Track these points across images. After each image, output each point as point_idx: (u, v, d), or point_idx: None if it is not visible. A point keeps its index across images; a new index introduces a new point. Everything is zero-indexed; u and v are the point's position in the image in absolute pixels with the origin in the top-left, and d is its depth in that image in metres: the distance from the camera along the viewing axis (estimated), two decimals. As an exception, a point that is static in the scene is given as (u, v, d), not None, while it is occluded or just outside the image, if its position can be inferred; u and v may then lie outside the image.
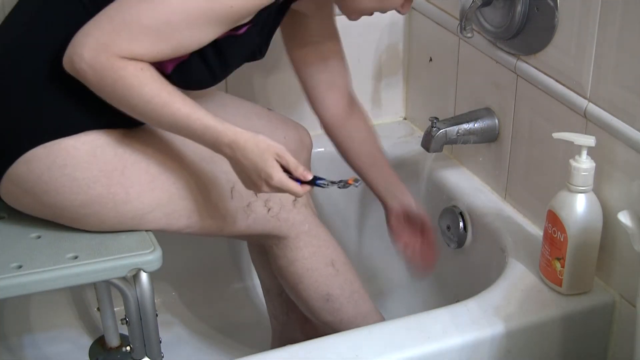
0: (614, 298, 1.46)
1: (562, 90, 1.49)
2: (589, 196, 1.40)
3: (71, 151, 1.32)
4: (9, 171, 1.33)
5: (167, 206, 1.39)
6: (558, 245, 1.43)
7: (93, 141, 1.34)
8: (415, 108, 2.03)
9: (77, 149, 1.33)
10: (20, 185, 1.34)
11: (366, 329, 1.42)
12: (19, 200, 1.38)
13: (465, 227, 1.75)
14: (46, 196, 1.34)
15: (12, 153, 1.33)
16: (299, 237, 1.52)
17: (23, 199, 1.37)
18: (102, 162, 1.34)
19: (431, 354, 1.36)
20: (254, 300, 1.98)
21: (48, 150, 1.32)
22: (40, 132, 1.32)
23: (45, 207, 1.36)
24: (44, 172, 1.32)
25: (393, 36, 1.97)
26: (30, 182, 1.33)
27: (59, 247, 1.36)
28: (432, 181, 1.84)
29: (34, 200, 1.36)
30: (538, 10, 1.52)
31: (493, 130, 1.70)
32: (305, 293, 1.55)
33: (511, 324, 1.40)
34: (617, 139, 1.39)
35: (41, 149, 1.32)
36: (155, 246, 1.37)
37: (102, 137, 1.34)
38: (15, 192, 1.36)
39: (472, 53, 1.73)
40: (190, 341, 1.90)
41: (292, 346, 1.37)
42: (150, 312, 1.38)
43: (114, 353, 1.74)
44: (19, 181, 1.34)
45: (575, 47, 1.45)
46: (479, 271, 1.71)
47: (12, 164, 1.33)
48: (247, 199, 1.46)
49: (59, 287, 1.37)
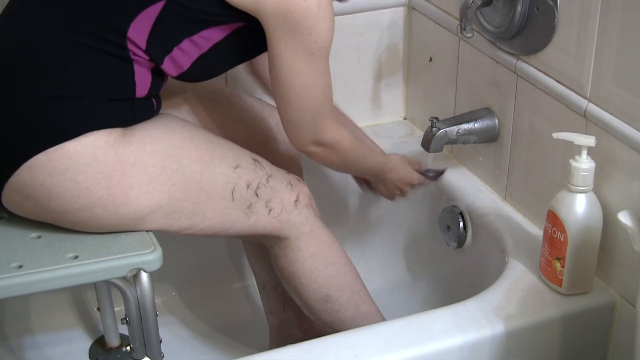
0: (614, 298, 1.46)
1: (562, 90, 1.49)
2: (589, 196, 1.40)
3: (73, 155, 1.32)
4: (12, 179, 1.33)
5: (166, 207, 1.39)
6: (558, 245, 1.43)
7: (94, 142, 1.33)
8: (415, 108, 2.03)
9: (78, 152, 1.32)
10: (21, 191, 1.34)
11: (366, 329, 1.42)
12: (20, 206, 1.37)
13: (465, 227, 1.75)
14: (47, 201, 1.34)
15: (14, 161, 1.32)
16: (300, 238, 1.52)
17: (24, 204, 1.36)
18: (102, 163, 1.33)
19: (431, 354, 1.36)
20: (253, 300, 1.98)
21: (50, 156, 1.31)
22: (42, 138, 1.31)
23: (47, 211, 1.36)
24: (46, 177, 1.32)
25: (393, 36, 1.97)
26: (32, 188, 1.33)
27: (59, 247, 1.36)
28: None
29: (35, 206, 1.35)
30: (538, 10, 1.52)
31: (493, 130, 1.70)
32: (305, 294, 1.55)
33: (511, 324, 1.40)
34: (617, 139, 1.39)
35: (43, 156, 1.31)
36: (156, 246, 1.37)
37: (102, 137, 1.34)
38: (16, 198, 1.36)
39: (472, 53, 1.74)
40: (190, 341, 1.90)
41: (291, 346, 1.37)
42: (151, 312, 1.38)
43: (114, 353, 1.74)
44: (21, 188, 1.33)
45: (575, 47, 1.45)
46: (479, 271, 1.71)
47: (15, 172, 1.32)
48: (248, 201, 1.45)
49: (59, 287, 1.37)
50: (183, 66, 1.38)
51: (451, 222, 1.77)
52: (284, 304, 1.74)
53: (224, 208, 1.44)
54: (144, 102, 1.39)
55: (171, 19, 1.33)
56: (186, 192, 1.40)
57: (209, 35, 1.36)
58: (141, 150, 1.37)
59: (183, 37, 1.35)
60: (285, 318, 1.76)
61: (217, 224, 1.45)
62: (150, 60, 1.35)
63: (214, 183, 1.42)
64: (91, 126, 1.33)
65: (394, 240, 1.99)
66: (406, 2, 1.94)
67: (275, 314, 1.77)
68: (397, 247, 1.99)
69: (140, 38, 1.32)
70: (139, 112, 1.39)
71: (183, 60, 1.37)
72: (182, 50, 1.36)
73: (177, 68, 1.38)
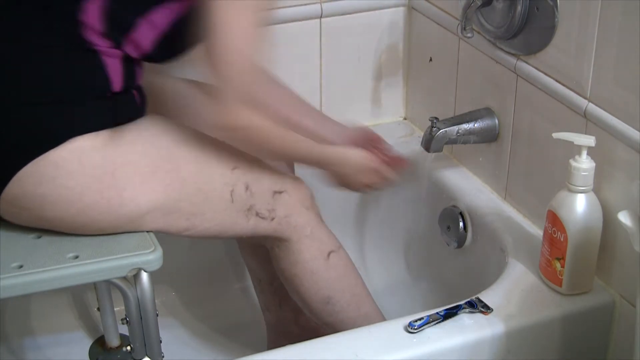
0: (614, 298, 1.46)
1: (562, 90, 1.49)
2: (589, 196, 1.40)
3: (60, 162, 1.31)
4: (4, 194, 1.32)
5: (164, 207, 1.38)
6: (558, 245, 1.43)
7: (81, 147, 1.32)
8: (415, 108, 2.03)
9: (64, 158, 1.31)
10: (16, 204, 1.34)
11: (366, 329, 1.42)
12: (17, 217, 1.37)
13: (465, 227, 1.75)
14: (42, 210, 1.33)
15: (2, 176, 1.32)
16: (301, 240, 1.51)
17: (21, 215, 1.36)
18: (90, 167, 1.32)
19: (431, 354, 1.36)
20: (253, 300, 1.97)
21: (36, 166, 1.30)
22: (27, 149, 1.31)
23: (44, 220, 1.36)
24: (36, 187, 1.31)
25: (393, 36, 1.97)
26: (25, 200, 1.32)
27: (59, 246, 1.36)
28: (432, 181, 1.84)
29: (31, 215, 1.35)
30: (538, 10, 1.52)
31: (493, 130, 1.71)
32: (307, 295, 1.55)
33: (511, 324, 1.40)
34: (617, 139, 1.39)
35: (30, 167, 1.30)
36: (156, 246, 1.37)
37: (87, 142, 1.32)
38: (12, 210, 1.35)
39: (472, 53, 1.74)
40: (190, 341, 1.90)
41: (291, 346, 1.37)
42: (151, 312, 1.38)
43: (114, 353, 1.74)
44: (14, 201, 1.33)
45: (575, 47, 1.45)
46: (479, 271, 1.71)
47: (5, 187, 1.32)
48: (248, 202, 1.45)
49: (59, 287, 1.37)
50: (144, 47, 1.35)
51: (451, 222, 1.77)
52: (280, 300, 1.73)
53: (223, 210, 1.43)
54: (124, 96, 1.38)
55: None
56: (183, 192, 1.39)
57: (163, 12, 1.34)
58: (132, 152, 1.36)
59: (136, 16, 1.33)
60: (282, 314, 1.75)
61: (217, 226, 1.44)
62: (113, 47, 1.33)
63: (211, 184, 1.42)
64: (75, 131, 1.32)
65: (394, 240, 1.99)
66: (406, 2, 1.94)
67: (271, 310, 1.76)
68: (397, 247, 1.99)
69: (94, 21, 1.31)
70: (122, 109, 1.38)
71: (143, 40, 1.34)
72: (140, 29, 1.34)
73: (138, 50, 1.36)
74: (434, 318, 1.38)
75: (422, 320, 1.37)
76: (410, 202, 1.88)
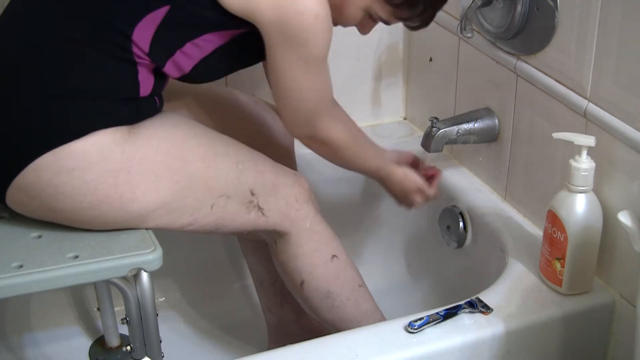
0: (614, 298, 1.46)
1: (562, 90, 1.49)
2: (588, 196, 1.41)
3: (80, 154, 1.32)
4: (17, 180, 1.33)
5: (170, 204, 1.39)
6: (558, 245, 1.43)
7: (102, 141, 1.33)
8: (415, 108, 2.03)
9: (86, 151, 1.32)
10: (27, 191, 1.34)
11: (366, 329, 1.42)
12: (25, 206, 1.37)
13: (465, 227, 1.75)
14: (54, 201, 1.34)
15: (19, 162, 1.32)
16: (301, 233, 1.52)
17: (30, 204, 1.36)
18: (110, 161, 1.34)
19: (431, 354, 1.36)
20: (253, 300, 1.97)
21: (57, 156, 1.31)
22: (48, 138, 1.31)
23: (53, 211, 1.36)
24: (52, 177, 1.32)
25: (393, 36, 1.97)
26: (38, 189, 1.33)
27: (59, 246, 1.36)
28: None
29: (42, 205, 1.35)
30: (538, 10, 1.52)
31: (493, 130, 1.71)
32: (306, 289, 1.55)
33: (511, 324, 1.40)
34: (617, 139, 1.39)
35: (50, 156, 1.31)
36: (156, 246, 1.37)
37: (109, 136, 1.34)
38: (22, 198, 1.35)
39: (472, 53, 1.74)
40: (191, 340, 1.90)
41: (292, 346, 1.37)
42: (151, 311, 1.38)
43: (114, 353, 1.74)
44: (26, 188, 1.33)
45: (575, 47, 1.45)
46: (479, 271, 1.71)
47: (20, 173, 1.32)
48: (248, 197, 1.46)
49: (59, 287, 1.37)
50: (184, 69, 1.39)
51: (451, 222, 1.77)
52: (282, 300, 1.74)
53: (225, 203, 1.44)
54: (147, 100, 1.40)
55: (174, 24, 1.33)
56: (189, 188, 1.40)
57: (211, 39, 1.37)
58: (147, 148, 1.37)
59: (185, 41, 1.36)
60: (283, 315, 1.76)
61: (218, 220, 1.45)
62: (152, 63, 1.36)
63: (217, 179, 1.43)
64: (97, 125, 1.33)
65: (394, 240, 1.99)
66: (406, 2, 1.93)
67: (272, 311, 1.77)
68: (397, 247, 1.99)
69: (144, 42, 1.33)
70: (144, 110, 1.40)
71: (185, 63, 1.38)
72: (184, 53, 1.36)
73: (178, 70, 1.39)
74: (433, 318, 1.38)
75: (422, 320, 1.37)
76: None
